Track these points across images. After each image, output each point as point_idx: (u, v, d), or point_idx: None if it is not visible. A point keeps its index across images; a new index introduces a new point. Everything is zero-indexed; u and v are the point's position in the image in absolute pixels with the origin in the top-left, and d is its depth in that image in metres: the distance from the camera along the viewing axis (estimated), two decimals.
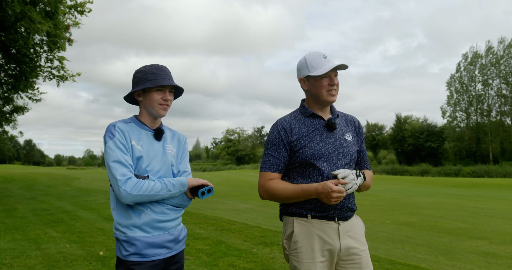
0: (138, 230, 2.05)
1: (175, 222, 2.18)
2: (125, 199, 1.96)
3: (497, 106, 52.76)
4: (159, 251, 2.09)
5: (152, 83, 2.12)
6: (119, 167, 1.99)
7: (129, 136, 2.10)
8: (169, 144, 2.26)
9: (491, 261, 5.39)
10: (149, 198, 2.02)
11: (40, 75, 15.39)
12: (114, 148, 2.02)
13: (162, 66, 2.22)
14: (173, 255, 2.18)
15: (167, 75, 2.19)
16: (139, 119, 2.21)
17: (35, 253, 5.53)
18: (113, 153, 2.01)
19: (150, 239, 2.06)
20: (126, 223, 2.06)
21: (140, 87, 2.14)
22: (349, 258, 2.17)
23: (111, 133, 2.06)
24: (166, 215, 2.12)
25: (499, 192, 20.43)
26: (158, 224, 2.09)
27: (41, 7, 12.93)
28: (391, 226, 8.13)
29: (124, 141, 2.06)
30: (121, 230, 2.07)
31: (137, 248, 2.04)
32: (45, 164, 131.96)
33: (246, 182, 25.13)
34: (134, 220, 2.05)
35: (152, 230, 2.07)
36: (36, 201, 12.25)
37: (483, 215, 9.99)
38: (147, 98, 2.16)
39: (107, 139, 2.05)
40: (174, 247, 2.18)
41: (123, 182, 1.96)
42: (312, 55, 2.23)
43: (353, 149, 2.28)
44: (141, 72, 2.18)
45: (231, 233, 6.98)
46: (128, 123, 2.16)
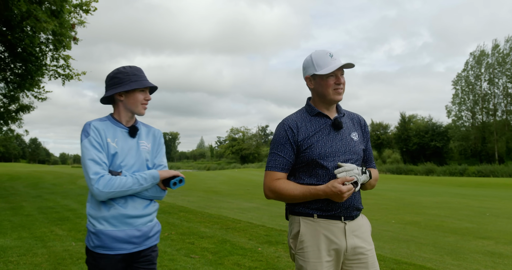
0: (106, 223, 2.13)
1: (145, 219, 2.24)
2: (99, 196, 2.06)
3: (503, 105, 52.46)
4: (124, 246, 2.17)
5: (138, 84, 2.22)
6: (92, 165, 2.08)
7: (104, 134, 2.19)
8: (144, 140, 2.34)
9: (497, 261, 5.36)
10: (122, 194, 2.10)
11: (45, 73, 15.47)
12: (89, 147, 2.12)
13: (139, 67, 2.32)
14: (140, 250, 2.24)
15: (145, 77, 2.31)
16: (115, 117, 2.30)
17: (42, 251, 5.56)
18: (87, 152, 2.11)
19: (116, 233, 2.14)
20: (96, 215, 2.15)
21: (125, 88, 2.21)
22: (355, 257, 2.16)
23: (87, 132, 2.16)
24: (136, 211, 2.19)
25: (504, 191, 20.33)
26: (126, 219, 2.16)
27: (46, 6, 12.99)
28: (396, 226, 8.11)
29: (99, 139, 2.15)
30: (91, 222, 2.17)
31: (103, 242, 2.14)
32: (50, 162, 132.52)
33: (250, 181, 25.14)
34: (104, 213, 2.13)
35: (119, 225, 2.15)
36: (41, 199, 12.31)
37: (489, 215, 9.94)
38: (130, 98, 2.25)
39: (83, 138, 2.15)
40: (143, 243, 2.23)
41: (95, 181, 2.05)
42: (318, 53, 2.22)
43: (360, 148, 2.27)
44: (123, 73, 2.25)
45: (236, 232, 6.99)
46: (104, 121, 2.26)
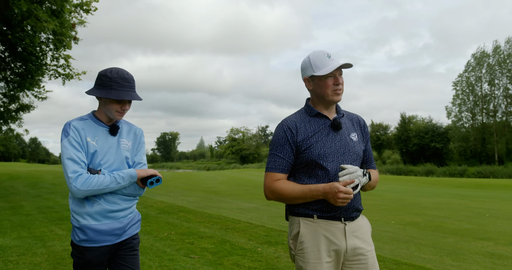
0: (90, 218, 2.22)
1: (125, 212, 2.34)
2: (76, 194, 2.13)
3: (503, 106, 52.47)
4: (108, 238, 2.27)
5: (115, 95, 2.21)
6: (71, 164, 2.14)
7: (84, 133, 2.24)
8: (124, 138, 2.39)
9: (497, 262, 5.36)
10: (99, 192, 2.18)
11: (45, 73, 15.48)
12: (68, 146, 2.17)
13: (128, 76, 2.28)
14: (121, 241, 2.35)
15: (131, 87, 2.28)
16: (96, 116, 2.35)
17: (41, 251, 5.56)
18: (66, 151, 2.17)
19: (99, 227, 2.23)
20: (79, 211, 2.23)
21: (101, 94, 2.23)
22: (355, 258, 2.16)
23: (66, 132, 2.21)
24: (117, 205, 2.28)
25: (504, 193, 20.32)
26: (109, 214, 2.25)
27: (47, 6, 13.00)
28: (396, 226, 8.11)
29: (78, 138, 2.21)
30: (75, 217, 2.24)
31: (87, 235, 2.23)
32: (50, 162, 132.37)
33: (250, 181, 25.13)
34: (87, 209, 2.21)
35: (102, 219, 2.24)
36: (41, 199, 12.30)
37: (489, 216, 9.94)
38: (107, 104, 2.28)
39: (63, 137, 2.21)
40: (124, 234, 2.35)
41: (73, 179, 2.11)
42: (316, 54, 2.21)
43: (359, 148, 2.27)
44: (107, 77, 2.24)
45: (235, 232, 6.99)
46: (85, 120, 2.30)
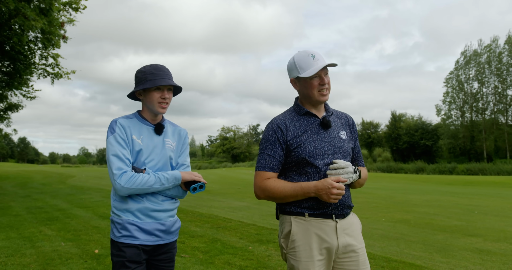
0: (131, 215, 2.20)
1: (167, 213, 2.30)
2: (120, 191, 2.13)
3: (491, 104, 53.11)
4: (148, 237, 2.23)
5: (151, 83, 2.25)
6: (116, 161, 2.15)
7: (130, 131, 2.25)
8: (169, 138, 2.38)
9: (486, 258, 5.43)
10: (142, 191, 2.17)
11: (34, 72, 15.31)
12: (114, 143, 2.18)
13: (161, 66, 2.34)
14: (163, 244, 2.30)
15: (165, 75, 2.30)
16: (141, 115, 2.36)
17: (30, 252, 5.50)
18: (112, 148, 2.17)
19: (141, 224, 2.20)
20: (121, 207, 2.22)
21: (140, 87, 2.28)
22: (346, 255, 2.17)
23: (113, 129, 2.22)
24: (159, 205, 2.25)
25: (493, 189, 20.57)
26: (151, 213, 2.22)
27: (35, 4, 12.84)
28: (386, 224, 8.16)
29: (124, 136, 2.22)
30: (116, 213, 2.23)
31: (128, 231, 2.19)
32: (40, 162, 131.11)
33: (241, 180, 25.12)
34: (129, 205, 2.20)
35: (144, 217, 2.21)
36: (30, 199, 12.19)
37: (478, 213, 10.05)
38: (147, 97, 2.30)
39: (109, 134, 2.22)
40: (165, 237, 2.29)
41: (118, 176, 2.11)
42: (300, 55, 2.21)
43: (348, 146, 2.28)
44: (141, 72, 2.31)
45: (226, 231, 6.98)
46: (130, 119, 2.32)
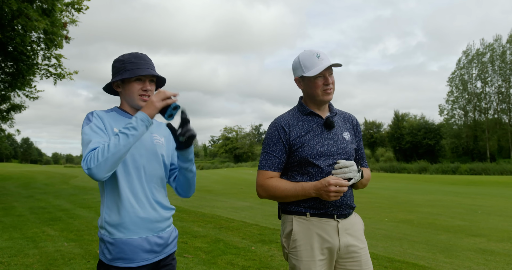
0: (126, 231, 1.89)
1: (165, 223, 2.04)
2: (94, 175, 1.73)
3: (495, 104, 52.94)
4: (147, 256, 1.94)
5: (130, 73, 1.97)
6: (84, 150, 1.81)
7: (109, 123, 1.94)
8: (156, 133, 2.10)
9: (489, 258, 5.40)
10: (117, 156, 1.74)
11: (37, 73, 15.35)
12: (89, 132, 1.85)
13: (142, 54, 2.06)
14: (160, 259, 2.02)
15: (147, 64, 2.03)
16: (122, 108, 2.08)
17: (33, 252, 5.51)
18: (86, 137, 1.84)
19: (138, 241, 1.91)
20: (114, 222, 1.89)
21: (118, 77, 2.00)
22: (348, 256, 2.16)
23: (88, 119, 1.92)
24: (156, 213, 1.97)
25: (496, 189, 20.50)
26: (148, 224, 1.94)
27: (38, 5, 12.88)
28: (389, 224, 8.14)
29: (101, 125, 1.91)
30: (108, 230, 1.90)
31: (123, 252, 1.88)
32: (43, 162, 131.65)
33: (244, 180, 25.13)
34: (124, 219, 1.88)
35: (140, 231, 1.92)
36: (33, 200, 12.22)
37: (481, 213, 10.01)
38: (126, 89, 2.02)
39: (84, 125, 1.90)
40: (163, 251, 2.02)
41: (84, 163, 1.74)
42: (305, 54, 2.21)
43: (351, 147, 2.27)
44: (119, 61, 2.03)
45: (229, 231, 6.98)
46: (109, 112, 2.03)
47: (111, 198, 1.92)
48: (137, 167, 1.95)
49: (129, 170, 1.93)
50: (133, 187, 1.93)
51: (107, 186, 1.94)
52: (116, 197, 1.91)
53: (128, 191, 1.91)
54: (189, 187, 2.16)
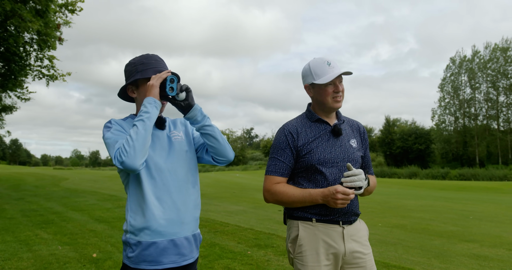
0: (152, 233, 1.88)
1: (193, 225, 2.03)
2: (130, 166, 1.75)
3: (484, 110, 53.58)
4: (174, 258, 1.91)
5: (142, 74, 1.98)
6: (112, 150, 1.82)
7: (128, 129, 1.95)
8: (174, 130, 2.12)
9: (483, 264, 5.46)
10: (142, 142, 1.78)
11: (29, 74, 15.22)
12: (111, 136, 1.88)
13: (153, 54, 2.07)
14: (188, 264, 1.99)
15: (158, 63, 2.03)
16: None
17: (27, 255, 5.45)
18: (109, 141, 1.85)
19: (164, 243, 1.89)
20: (139, 225, 1.88)
21: (130, 80, 2.00)
22: (353, 261, 2.18)
23: (108, 127, 1.95)
24: (183, 214, 1.96)
25: (486, 195, 20.71)
26: (175, 226, 1.93)
27: (31, 6, 12.80)
28: (383, 229, 8.19)
29: (121, 129, 1.93)
30: (134, 232, 1.89)
31: (149, 254, 1.87)
32: (31, 164, 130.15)
33: (236, 183, 25.08)
34: (149, 222, 1.87)
35: (167, 233, 1.90)
36: (24, 202, 12.08)
37: (473, 218, 10.11)
38: (141, 93, 2.02)
39: (105, 133, 1.92)
40: (190, 255, 2.00)
41: (116, 159, 1.76)
42: (316, 62, 2.23)
43: (358, 155, 2.30)
44: (131, 64, 2.04)
45: (224, 235, 6.97)
46: (125, 120, 2.05)
47: (135, 201, 1.93)
48: (160, 169, 1.95)
49: (151, 173, 1.93)
50: (157, 190, 1.93)
51: (131, 190, 1.95)
52: (140, 200, 1.91)
53: (152, 194, 1.91)
54: (222, 147, 2.07)
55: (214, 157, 2.11)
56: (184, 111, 2.00)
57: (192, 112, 2.00)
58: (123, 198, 13.08)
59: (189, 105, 1.99)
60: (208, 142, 2.06)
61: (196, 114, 2.01)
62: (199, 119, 2.02)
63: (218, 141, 2.06)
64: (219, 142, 2.06)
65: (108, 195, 14.21)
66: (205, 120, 2.04)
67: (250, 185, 23.95)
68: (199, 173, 2.18)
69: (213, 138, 2.05)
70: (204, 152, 2.16)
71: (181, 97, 1.97)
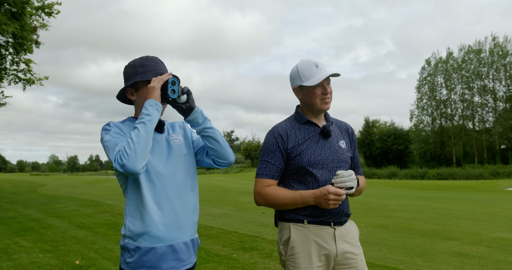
0: (150, 238, 1.86)
1: (192, 229, 2.02)
2: (131, 169, 1.72)
3: (459, 110, 54.83)
4: (173, 263, 1.90)
5: (142, 76, 1.96)
6: (112, 155, 1.80)
7: (127, 132, 1.94)
8: (173, 134, 2.10)
9: (465, 261, 5.57)
10: (143, 145, 1.76)
11: (5, 78, 14.83)
12: (110, 139, 1.85)
13: (152, 56, 2.06)
14: (186, 269, 1.97)
15: (158, 66, 2.02)
16: (136, 118, 2.07)
17: (7, 264, 5.31)
18: (109, 144, 1.83)
19: (163, 249, 1.88)
20: (138, 230, 1.86)
21: (129, 82, 1.98)
22: (345, 262, 2.20)
23: (106, 129, 1.92)
24: (182, 219, 1.95)
25: (463, 193, 21.19)
26: (174, 231, 1.92)
27: (6, 8, 12.51)
28: (366, 229, 8.28)
29: (119, 131, 1.92)
30: (132, 237, 1.87)
31: (148, 259, 1.85)
32: (7, 170, 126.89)
33: (217, 186, 25.00)
34: (148, 227, 1.86)
35: (166, 238, 1.89)
36: (1, 209, 11.75)
37: (452, 217, 10.32)
38: (140, 96, 2.00)
39: (103, 135, 1.88)
40: (188, 260, 1.98)
41: (116, 162, 1.74)
42: (304, 64, 2.24)
43: (347, 155, 2.32)
44: (130, 66, 2.02)
45: (209, 239, 6.93)
46: (124, 123, 2.03)
47: (134, 206, 1.91)
48: (159, 173, 1.93)
49: (151, 178, 1.91)
50: (156, 194, 1.91)
51: (129, 194, 1.92)
52: (139, 205, 1.89)
53: (151, 199, 1.89)
54: (223, 149, 2.07)
55: (215, 159, 2.11)
56: (185, 113, 2.00)
57: (193, 114, 2.00)
58: (104, 203, 12.88)
59: (190, 108, 1.99)
60: (209, 144, 2.06)
61: (197, 116, 2.01)
62: (200, 122, 2.02)
63: (219, 144, 2.06)
64: (220, 145, 2.07)
65: (89, 200, 13.96)
66: (206, 122, 2.04)
67: (232, 188, 23.90)
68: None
69: (215, 141, 2.05)
70: (204, 155, 2.15)
71: (182, 100, 1.97)
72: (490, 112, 52.37)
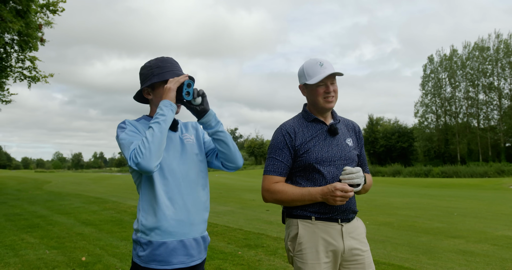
0: (162, 233, 1.91)
1: (202, 226, 2.07)
2: (145, 167, 1.77)
3: (464, 108, 54.60)
4: (183, 258, 1.95)
5: (159, 77, 2.02)
6: (127, 153, 1.84)
7: (142, 130, 1.99)
8: (186, 133, 2.15)
9: (470, 259, 5.57)
10: (157, 144, 1.81)
11: (10, 75, 14.91)
12: (125, 137, 1.90)
13: (168, 57, 2.11)
14: (196, 264, 2.02)
15: (174, 66, 2.07)
16: (151, 116, 2.13)
17: (14, 260, 5.35)
18: (124, 142, 1.88)
19: (174, 244, 1.93)
20: (150, 224, 1.91)
21: (147, 83, 2.04)
22: (352, 258, 2.21)
23: (122, 127, 1.97)
24: (193, 216, 2.00)
25: (468, 191, 21.12)
26: (185, 227, 1.96)
27: (12, 6, 12.54)
28: (371, 227, 8.28)
29: (135, 129, 1.97)
30: (144, 232, 1.92)
31: (159, 254, 1.90)
32: (12, 167, 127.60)
33: (222, 184, 25.03)
34: (160, 222, 1.90)
35: (177, 233, 1.94)
36: (7, 206, 11.84)
37: (457, 215, 10.30)
38: (157, 95, 2.06)
39: (119, 133, 1.94)
40: (198, 256, 2.03)
41: (131, 161, 1.79)
42: (309, 62, 2.27)
43: (354, 153, 2.33)
44: (146, 67, 2.08)
45: (214, 236, 6.95)
46: (139, 121, 2.07)
47: (147, 201, 1.96)
48: (173, 170, 1.98)
49: (164, 174, 1.96)
50: (169, 190, 1.96)
51: (143, 190, 1.97)
52: (152, 200, 1.94)
53: (164, 194, 1.94)
54: (233, 153, 2.11)
55: (224, 163, 2.16)
56: (199, 115, 2.05)
57: (207, 117, 2.05)
58: (109, 200, 12.94)
59: (204, 110, 2.04)
60: (219, 147, 2.10)
61: (210, 119, 2.06)
62: (213, 124, 2.07)
63: (229, 148, 2.11)
64: (230, 149, 2.11)
65: (94, 197, 14.03)
66: (218, 125, 2.09)
67: (236, 185, 23.94)
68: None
69: (225, 144, 2.10)
70: (214, 157, 2.20)
71: (197, 102, 2.01)
72: (495, 110, 52.13)
